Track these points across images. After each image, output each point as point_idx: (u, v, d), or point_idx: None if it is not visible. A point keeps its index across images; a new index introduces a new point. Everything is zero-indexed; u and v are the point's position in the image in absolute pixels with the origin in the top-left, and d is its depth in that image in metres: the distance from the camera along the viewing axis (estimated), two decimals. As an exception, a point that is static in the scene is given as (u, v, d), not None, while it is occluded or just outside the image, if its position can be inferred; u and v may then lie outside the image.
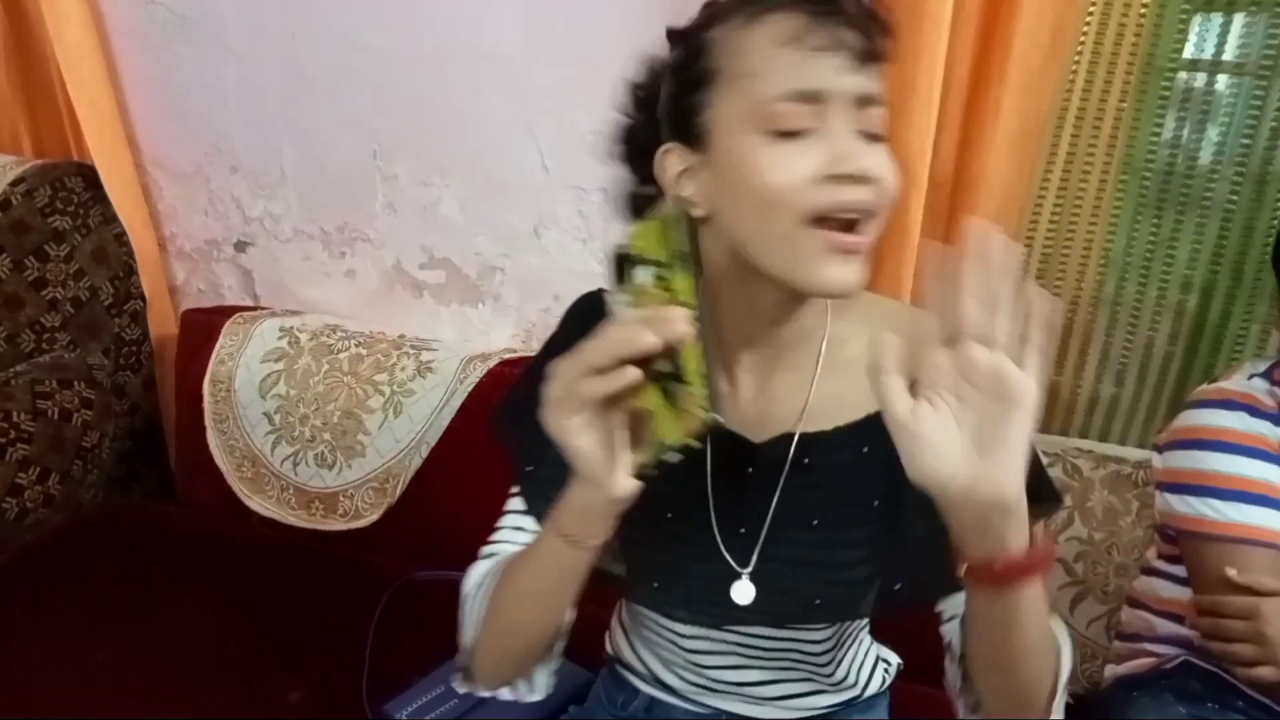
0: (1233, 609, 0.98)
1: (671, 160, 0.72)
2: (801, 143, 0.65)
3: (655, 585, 0.82)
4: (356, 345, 1.57)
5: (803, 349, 0.77)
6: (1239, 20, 1.24)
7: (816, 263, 0.65)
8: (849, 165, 0.64)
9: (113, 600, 1.36)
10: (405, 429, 1.50)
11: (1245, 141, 1.26)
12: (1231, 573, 0.99)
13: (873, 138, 0.67)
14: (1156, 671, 1.10)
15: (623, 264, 0.63)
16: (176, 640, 1.29)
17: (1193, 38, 1.25)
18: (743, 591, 0.79)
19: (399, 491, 1.50)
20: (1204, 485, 1.03)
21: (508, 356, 1.53)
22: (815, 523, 0.77)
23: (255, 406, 1.57)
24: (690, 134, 0.70)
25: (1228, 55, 1.25)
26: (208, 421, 1.60)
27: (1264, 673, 0.94)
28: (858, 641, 0.93)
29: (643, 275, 0.61)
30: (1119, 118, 1.28)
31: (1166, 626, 1.11)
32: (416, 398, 1.50)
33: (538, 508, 0.81)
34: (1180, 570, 1.10)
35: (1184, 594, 1.09)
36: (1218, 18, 1.24)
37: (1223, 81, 1.27)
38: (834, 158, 0.64)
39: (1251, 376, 1.09)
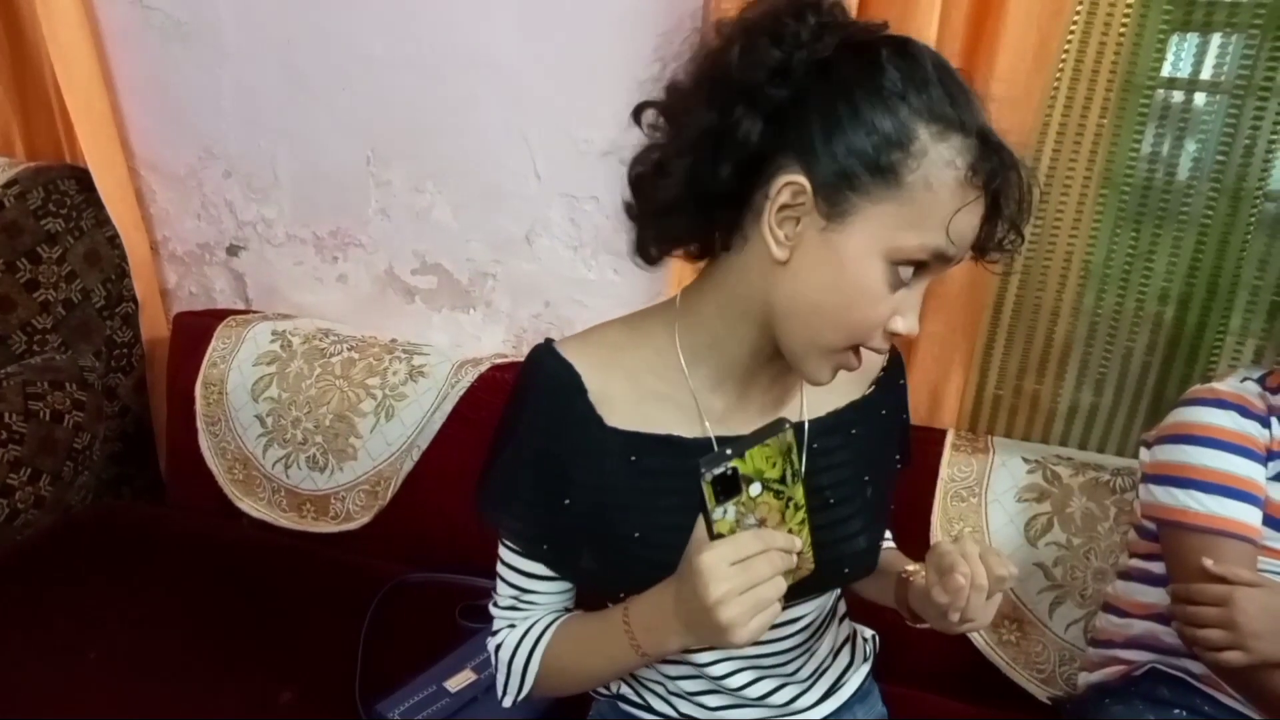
0: (1206, 596, 1.00)
1: (789, 194, 0.69)
2: (895, 290, 0.71)
3: None
4: (349, 349, 1.58)
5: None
6: (1215, 40, 1.27)
7: (821, 369, 0.75)
8: (902, 327, 0.72)
9: (104, 601, 1.36)
10: (397, 432, 1.51)
11: (1221, 157, 1.29)
12: (1208, 562, 1.02)
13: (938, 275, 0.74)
14: (1127, 679, 1.13)
15: (728, 480, 0.68)
16: (168, 641, 1.29)
17: (1171, 56, 1.28)
18: None
19: (390, 494, 1.51)
20: (1189, 478, 1.06)
21: (499, 361, 1.55)
22: (831, 501, 0.85)
23: (247, 409, 1.58)
24: (830, 193, 0.68)
25: (1204, 74, 1.29)
26: (200, 424, 1.61)
27: (1232, 656, 0.97)
28: (832, 626, 0.96)
29: (756, 489, 0.69)
30: (1099, 133, 1.31)
31: (1140, 626, 1.14)
32: (408, 401, 1.52)
33: (576, 577, 0.88)
34: (1155, 568, 1.13)
35: (1157, 594, 1.12)
36: (1194, 37, 1.28)
37: (1199, 99, 1.30)
38: (897, 313, 0.71)
39: (1245, 379, 1.13)
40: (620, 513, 0.80)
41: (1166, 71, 1.29)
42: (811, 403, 0.87)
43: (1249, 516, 1.04)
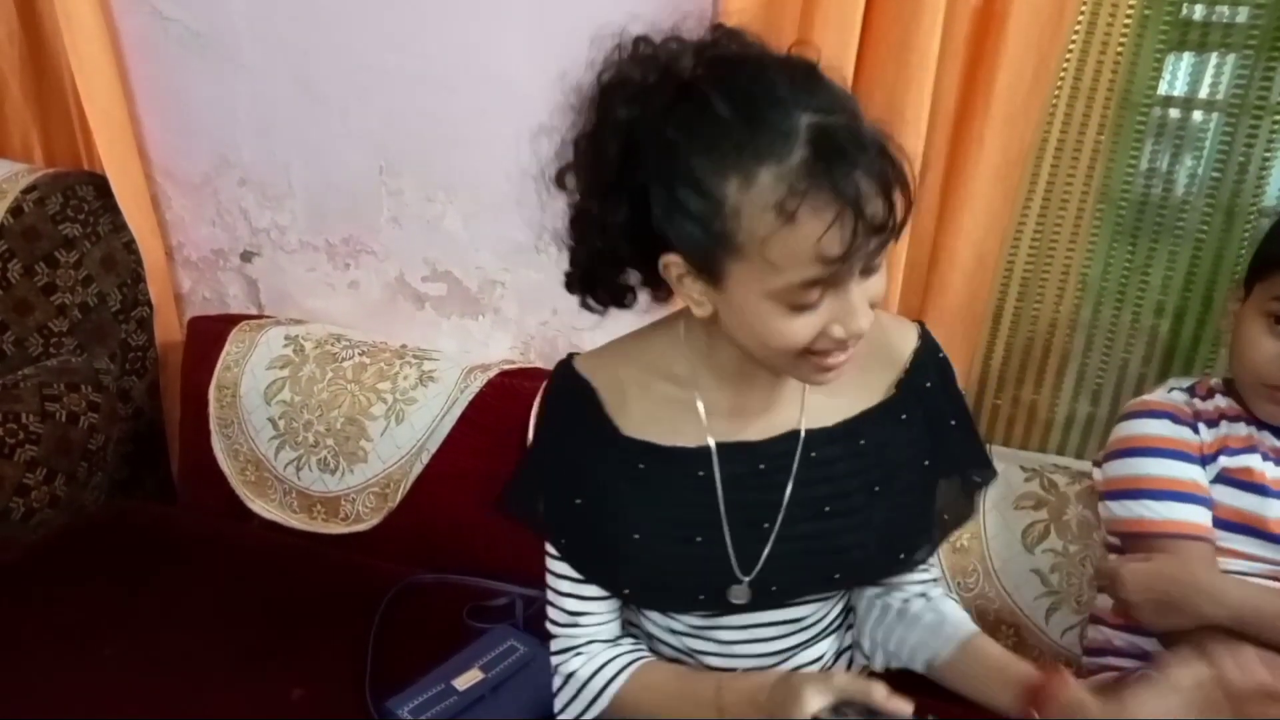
0: (1101, 575, 1.08)
1: (675, 269, 0.75)
2: (813, 311, 0.71)
3: (665, 590, 0.91)
4: (360, 354, 1.61)
5: None
6: (1211, 59, 1.30)
7: (808, 375, 0.78)
8: (843, 332, 0.72)
9: (117, 600, 1.39)
10: (407, 436, 1.54)
11: (1216, 174, 1.32)
12: (1112, 557, 1.07)
13: (873, 268, 0.73)
14: (1121, 684, 1.15)
15: None
16: (180, 639, 1.32)
17: (1167, 75, 1.31)
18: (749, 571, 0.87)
19: (400, 496, 1.54)
20: (1139, 488, 1.09)
21: (507, 367, 1.57)
22: (826, 509, 0.86)
23: (260, 412, 1.61)
24: (704, 266, 0.72)
25: (1201, 92, 1.31)
26: (213, 426, 1.64)
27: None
28: (837, 631, 0.99)
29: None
30: (1097, 150, 1.34)
31: (1122, 638, 1.16)
32: (418, 406, 1.54)
33: (587, 572, 0.91)
34: None
35: None
36: (1190, 56, 1.31)
37: (1196, 116, 1.33)
38: (834, 319, 0.72)
39: (1172, 390, 1.16)
40: (624, 512, 0.87)
41: (1163, 89, 1.32)
42: (818, 410, 0.87)
43: (1200, 517, 1.06)
